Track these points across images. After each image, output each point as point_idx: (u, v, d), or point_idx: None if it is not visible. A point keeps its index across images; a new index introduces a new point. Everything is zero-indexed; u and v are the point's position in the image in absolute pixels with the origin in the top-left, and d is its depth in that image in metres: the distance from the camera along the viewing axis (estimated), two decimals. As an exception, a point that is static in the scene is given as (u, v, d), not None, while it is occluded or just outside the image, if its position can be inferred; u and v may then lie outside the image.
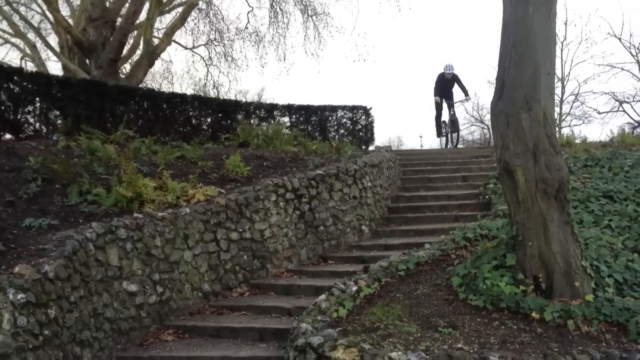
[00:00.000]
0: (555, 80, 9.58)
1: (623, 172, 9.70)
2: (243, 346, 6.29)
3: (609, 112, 32.47)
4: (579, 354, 4.74)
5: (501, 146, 5.95)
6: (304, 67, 35.83)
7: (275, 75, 25.98)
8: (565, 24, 32.32)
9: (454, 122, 15.53)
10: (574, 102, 33.70)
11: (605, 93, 33.07)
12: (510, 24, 5.99)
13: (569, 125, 34.15)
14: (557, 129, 18.86)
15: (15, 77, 9.65)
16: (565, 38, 32.93)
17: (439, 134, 15.79)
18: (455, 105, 15.50)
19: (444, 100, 15.26)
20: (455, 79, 15.29)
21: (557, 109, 29.34)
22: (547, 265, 5.68)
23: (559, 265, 5.64)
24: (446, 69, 15.25)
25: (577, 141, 14.37)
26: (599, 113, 32.98)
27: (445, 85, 15.26)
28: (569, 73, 33.87)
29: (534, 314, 5.41)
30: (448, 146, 15.50)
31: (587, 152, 11.37)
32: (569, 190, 5.97)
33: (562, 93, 33.06)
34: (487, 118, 42.22)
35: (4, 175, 7.29)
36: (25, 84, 9.74)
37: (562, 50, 32.09)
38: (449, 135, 15.56)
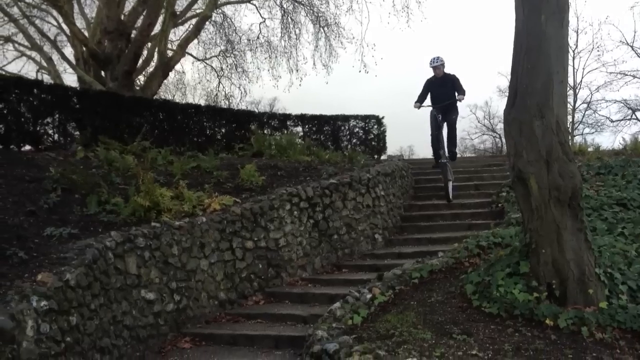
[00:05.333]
0: (568, 89, 9.22)
1: (636, 179, 9.68)
2: (259, 353, 6.36)
3: (622, 120, 32.40)
4: (593, 361, 4.77)
5: (514, 154, 5.99)
6: (315, 76, 35.91)
7: (287, 86, 25.86)
8: (577, 32, 32.35)
9: (451, 138, 11.17)
10: (586, 110, 33.68)
11: (617, 101, 32.92)
12: (523, 33, 6.05)
13: (582, 134, 34.10)
14: (569, 137, 18.80)
15: (35, 90, 9.84)
16: (577, 46, 32.94)
17: (435, 164, 11.42)
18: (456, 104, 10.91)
19: (437, 110, 10.78)
20: (451, 79, 10.94)
21: (569, 118, 29.26)
22: (561, 273, 5.70)
23: (573, 272, 5.66)
24: (433, 63, 10.98)
25: (590, 149, 14.36)
26: (612, 121, 32.92)
27: (437, 90, 10.94)
28: (581, 81, 33.84)
29: (547, 321, 5.42)
30: (449, 193, 10.69)
31: (600, 160, 11.36)
32: (582, 198, 5.99)
33: (574, 101, 33.03)
34: (499, 127, 42.35)
35: (25, 185, 7.45)
36: (44, 96, 9.92)
37: (573, 58, 32.11)
38: (447, 175, 10.68)
